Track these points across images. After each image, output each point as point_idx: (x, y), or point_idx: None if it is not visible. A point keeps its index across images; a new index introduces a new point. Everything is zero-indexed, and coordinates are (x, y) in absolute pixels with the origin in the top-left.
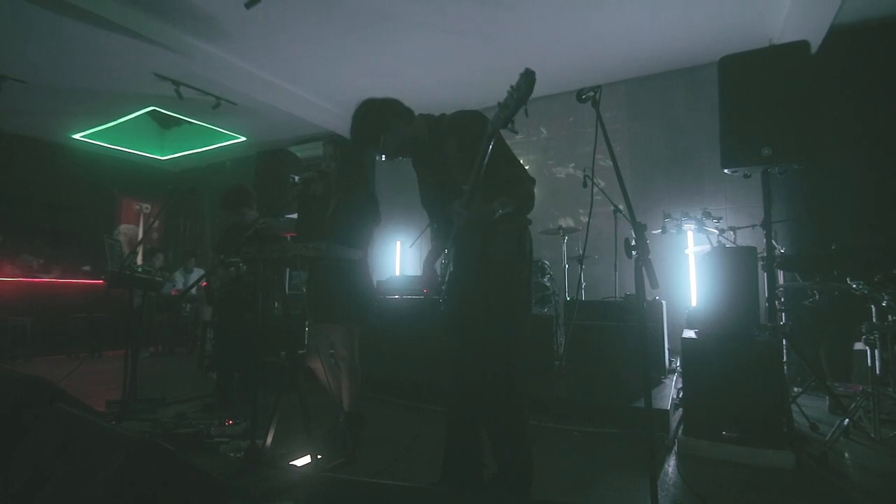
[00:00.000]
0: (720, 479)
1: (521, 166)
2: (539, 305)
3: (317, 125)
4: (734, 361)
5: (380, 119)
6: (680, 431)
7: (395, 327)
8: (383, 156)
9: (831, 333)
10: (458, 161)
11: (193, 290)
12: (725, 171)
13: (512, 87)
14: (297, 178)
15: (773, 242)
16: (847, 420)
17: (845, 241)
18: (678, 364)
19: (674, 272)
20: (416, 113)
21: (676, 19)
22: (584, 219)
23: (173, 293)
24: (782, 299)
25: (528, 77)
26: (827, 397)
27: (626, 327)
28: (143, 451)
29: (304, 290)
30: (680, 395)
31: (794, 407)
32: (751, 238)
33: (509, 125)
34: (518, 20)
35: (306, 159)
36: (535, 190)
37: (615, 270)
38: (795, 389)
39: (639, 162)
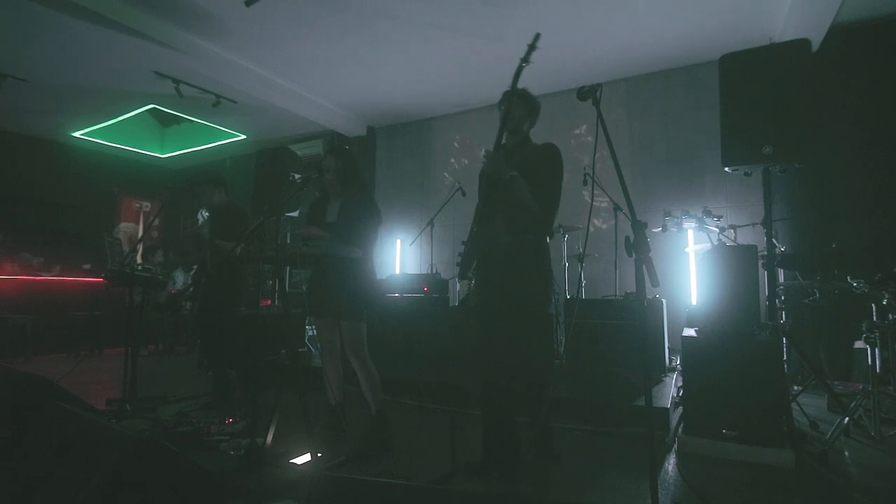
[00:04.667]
0: (720, 478)
1: (557, 195)
2: None
3: (317, 123)
4: (734, 360)
5: (535, 107)
6: (680, 430)
7: (396, 325)
8: (507, 116)
9: (831, 332)
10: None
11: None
12: (726, 169)
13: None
14: (297, 176)
15: (774, 241)
16: (847, 419)
17: (846, 239)
18: (678, 362)
19: (674, 270)
20: (417, 111)
21: (677, 17)
22: (585, 217)
23: (174, 292)
24: (783, 298)
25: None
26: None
27: (627, 326)
28: (142, 449)
29: (305, 288)
30: (680, 394)
31: (794, 405)
32: (751, 236)
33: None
34: (518, 19)
35: (306, 157)
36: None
37: (615, 269)
38: (795, 388)
39: (639, 160)
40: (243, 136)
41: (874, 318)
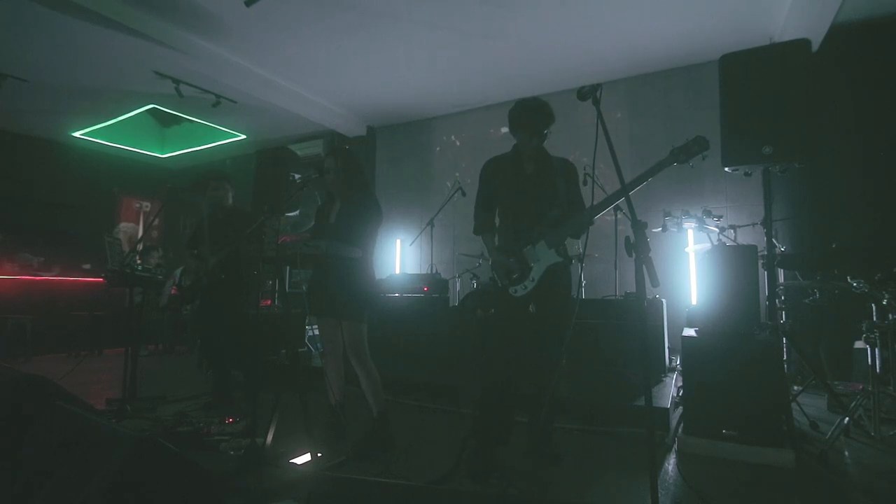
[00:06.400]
0: (720, 478)
1: None
2: None
3: (317, 123)
4: (734, 360)
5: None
6: (680, 430)
7: (396, 325)
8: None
9: (831, 332)
10: (566, 189)
11: None
12: (726, 169)
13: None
14: (297, 176)
15: (774, 241)
16: (847, 419)
17: (846, 239)
18: (678, 362)
19: (674, 270)
20: (417, 111)
21: (677, 17)
22: None
23: (173, 292)
24: (783, 298)
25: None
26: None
27: (627, 326)
28: (142, 449)
29: (305, 288)
30: (680, 394)
31: (794, 405)
32: (751, 236)
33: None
34: (518, 19)
35: (306, 157)
36: None
37: (615, 269)
38: (795, 388)
39: (639, 160)
40: (243, 136)
41: (874, 318)
